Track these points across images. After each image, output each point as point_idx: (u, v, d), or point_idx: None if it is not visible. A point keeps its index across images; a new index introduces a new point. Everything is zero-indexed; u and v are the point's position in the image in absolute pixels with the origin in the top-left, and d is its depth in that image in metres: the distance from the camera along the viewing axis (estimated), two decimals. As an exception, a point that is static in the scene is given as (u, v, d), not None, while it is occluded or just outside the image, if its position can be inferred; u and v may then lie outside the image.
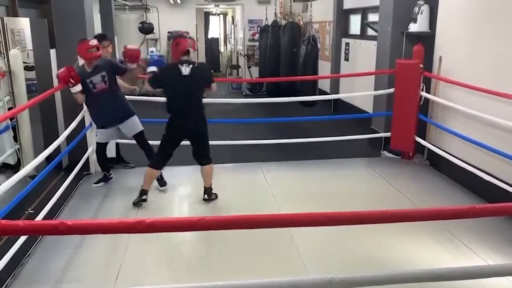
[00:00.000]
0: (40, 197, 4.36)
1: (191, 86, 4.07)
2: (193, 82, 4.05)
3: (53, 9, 5.23)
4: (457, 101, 4.89)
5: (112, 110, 4.60)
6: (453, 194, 4.70)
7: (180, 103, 4.09)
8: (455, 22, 5.05)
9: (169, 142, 4.26)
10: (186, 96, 4.08)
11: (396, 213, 1.73)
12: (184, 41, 4.05)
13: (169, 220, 1.43)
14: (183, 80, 4.02)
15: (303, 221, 1.70)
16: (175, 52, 4.11)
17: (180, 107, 4.11)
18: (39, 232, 1.48)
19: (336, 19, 8.90)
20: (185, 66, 4.00)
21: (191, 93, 4.09)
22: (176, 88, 4.08)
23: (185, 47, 4.03)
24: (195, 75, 4.04)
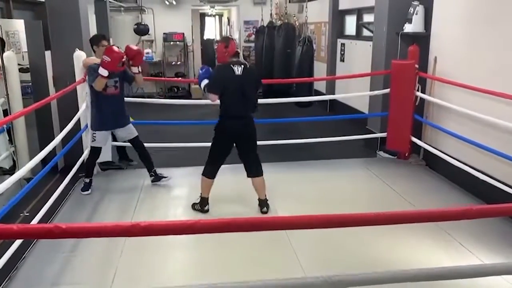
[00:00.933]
0: (35, 199, 4.35)
1: (244, 86, 3.98)
2: (245, 82, 3.98)
3: (48, 10, 5.21)
4: (452, 101, 4.90)
5: (117, 114, 4.70)
6: (449, 193, 4.71)
7: (233, 103, 4.00)
8: (450, 22, 5.08)
9: (222, 148, 4.13)
10: (241, 96, 3.99)
11: (392, 214, 1.73)
12: (233, 44, 4.05)
13: (164, 224, 1.43)
14: (237, 80, 3.94)
15: (299, 223, 1.70)
16: (224, 55, 4.04)
17: (232, 108, 4.01)
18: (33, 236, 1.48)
19: (332, 20, 8.91)
20: (237, 66, 3.96)
21: (245, 93, 3.99)
22: (232, 89, 3.96)
23: (234, 49, 4.03)
24: (247, 75, 3.98)
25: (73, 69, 4.98)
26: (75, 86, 4.85)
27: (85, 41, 5.43)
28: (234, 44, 4.07)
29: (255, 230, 1.61)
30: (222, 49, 4.05)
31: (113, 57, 4.26)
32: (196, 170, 5.13)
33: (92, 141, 4.72)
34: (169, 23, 11.41)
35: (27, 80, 5.64)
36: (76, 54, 4.98)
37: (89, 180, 4.80)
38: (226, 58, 4.03)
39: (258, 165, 4.21)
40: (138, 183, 4.99)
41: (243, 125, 4.07)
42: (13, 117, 3.97)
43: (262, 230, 1.63)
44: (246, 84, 3.99)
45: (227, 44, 4.03)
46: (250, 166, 4.20)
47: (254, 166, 4.20)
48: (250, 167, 4.20)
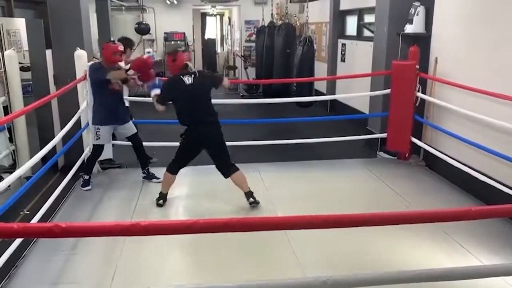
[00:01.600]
0: (35, 198, 4.35)
1: (197, 93, 4.12)
2: (198, 89, 4.11)
3: (49, 9, 5.21)
4: (452, 101, 4.90)
5: (119, 110, 4.81)
6: (449, 194, 4.71)
7: (192, 112, 4.14)
8: (450, 23, 5.08)
9: (187, 152, 4.28)
10: (196, 104, 4.13)
11: (392, 215, 1.74)
12: (181, 56, 4.13)
13: (164, 223, 1.43)
14: (188, 89, 4.08)
15: (299, 224, 1.70)
16: (173, 68, 4.18)
17: (193, 116, 4.14)
18: (34, 235, 1.48)
19: (333, 20, 8.91)
20: (187, 76, 4.08)
21: (200, 101, 4.14)
22: (183, 98, 4.12)
23: (183, 62, 4.12)
24: (198, 82, 4.11)
25: (74, 68, 4.99)
26: (76, 84, 4.85)
27: (86, 40, 5.44)
28: (181, 57, 4.14)
29: (254, 230, 1.61)
30: (170, 62, 4.18)
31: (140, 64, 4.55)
32: (195, 170, 5.17)
33: (96, 139, 4.76)
34: (170, 22, 11.42)
35: (27, 78, 5.64)
36: (77, 53, 4.99)
37: (89, 177, 4.85)
38: (176, 70, 4.17)
39: (229, 164, 4.25)
40: (138, 182, 5.00)
41: (206, 130, 4.18)
42: (14, 116, 3.97)
43: (261, 230, 1.63)
44: (198, 91, 4.12)
45: (174, 57, 4.14)
46: (222, 168, 4.27)
47: (225, 167, 4.25)
48: (222, 168, 4.27)
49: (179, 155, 4.29)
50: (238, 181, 4.26)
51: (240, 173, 4.25)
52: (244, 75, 12.15)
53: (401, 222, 1.85)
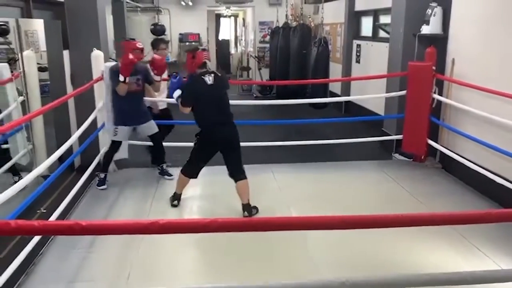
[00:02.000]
0: (52, 197, 4.41)
1: (217, 94, 4.09)
2: (219, 90, 4.10)
3: (67, 10, 5.28)
4: (470, 103, 4.84)
5: (137, 110, 4.85)
6: (465, 197, 4.65)
7: (212, 113, 4.08)
8: (468, 24, 5.01)
9: (202, 155, 4.22)
10: (217, 105, 4.09)
11: (410, 217, 1.72)
12: (200, 54, 4.09)
13: (183, 222, 1.43)
14: (210, 89, 4.03)
15: (317, 224, 1.69)
16: (192, 66, 4.12)
17: (213, 117, 4.09)
18: (54, 232, 1.50)
19: (348, 21, 8.87)
20: (207, 76, 4.03)
21: (220, 102, 4.11)
22: (205, 99, 4.06)
23: (202, 60, 4.07)
24: (219, 83, 4.08)
25: (91, 68, 5.04)
26: (92, 84, 4.90)
27: (102, 40, 5.50)
28: (201, 55, 4.09)
29: (273, 230, 1.60)
30: (189, 60, 4.14)
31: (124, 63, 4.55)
32: (211, 170, 5.17)
33: (114, 135, 4.83)
34: (185, 23, 11.47)
35: (45, 79, 5.71)
36: (94, 53, 5.04)
37: (104, 175, 4.90)
38: (194, 69, 4.11)
39: (240, 169, 4.18)
40: (153, 181, 5.03)
41: (226, 132, 4.12)
42: (32, 115, 4.03)
43: (279, 230, 1.63)
44: (220, 92, 4.10)
45: (193, 55, 4.10)
46: (232, 171, 4.19)
47: (236, 170, 4.18)
48: (232, 171, 4.19)
49: (194, 156, 4.23)
50: (241, 190, 4.16)
51: (245, 182, 4.17)
52: (257, 76, 12.15)
53: (419, 224, 1.83)
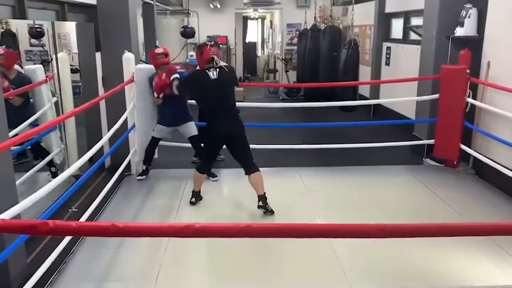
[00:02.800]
0: (83, 196, 4.48)
1: (222, 89, 4.14)
2: (222, 84, 4.14)
3: (99, 13, 5.37)
4: (505, 107, 4.69)
5: (173, 112, 5.04)
6: (500, 204, 4.50)
7: (214, 107, 4.18)
8: (505, 26, 4.85)
9: (208, 150, 4.40)
10: (219, 99, 4.15)
11: (448, 227, 1.65)
12: (208, 50, 4.15)
13: (217, 226, 1.42)
14: (212, 84, 4.10)
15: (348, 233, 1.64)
16: (200, 61, 4.24)
17: (215, 111, 4.18)
18: (91, 233, 1.51)
19: (377, 23, 8.74)
20: (212, 70, 4.10)
21: (223, 96, 4.16)
22: (207, 93, 4.16)
23: (209, 55, 4.13)
24: (223, 77, 4.12)
25: (122, 70, 5.11)
26: (123, 86, 4.97)
27: (133, 43, 5.56)
28: (209, 50, 4.15)
29: (305, 237, 1.57)
30: (198, 56, 4.23)
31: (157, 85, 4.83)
32: (238, 173, 5.17)
33: (152, 131, 5.13)
34: (213, 26, 11.55)
35: (76, 80, 5.83)
36: (125, 55, 5.11)
37: (146, 167, 5.21)
38: (202, 64, 4.19)
39: (249, 163, 4.24)
40: (181, 182, 5.06)
41: (228, 126, 4.18)
42: (65, 116, 4.12)
43: (311, 237, 1.59)
44: (223, 86, 4.14)
45: (202, 50, 4.18)
46: (243, 165, 4.25)
47: (245, 165, 4.24)
48: (244, 165, 4.25)
49: (203, 152, 4.42)
50: (254, 183, 4.21)
51: (258, 175, 4.21)
52: (284, 78, 12.11)
53: (460, 234, 1.77)
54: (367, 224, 1.61)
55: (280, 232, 1.42)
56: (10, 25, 4.90)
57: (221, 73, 4.10)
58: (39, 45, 5.03)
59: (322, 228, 1.50)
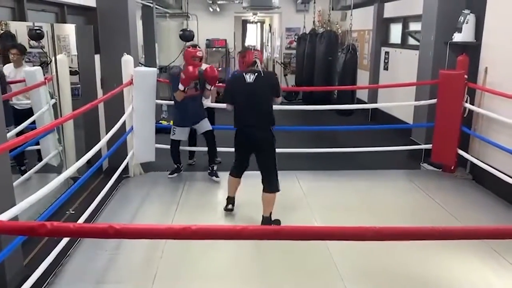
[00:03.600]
0: (80, 198, 4.49)
1: (255, 94, 3.93)
2: (257, 89, 3.92)
3: (99, 16, 5.39)
4: (503, 113, 4.71)
5: (194, 112, 5.21)
6: (497, 209, 4.52)
7: (244, 112, 4.00)
8: (503, 31, 4.88)
9: (239, 154, 4.24)
10: (251, 105, 3.96)
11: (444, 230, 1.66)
12: (250, 53, 4.05)
13: (214, 228, 1.43)
14: (246, 88, 3.93)
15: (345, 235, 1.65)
16: (242, 65, 4.11)
17: (243, 117, 4.01)
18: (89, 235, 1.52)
19: (376, 28, 8.78)
20: (249, 74, 3.95)
21: (255, 101, 3.94)
22: (240, 97, 3.98)
23: (251, 59, 4.00)
24: (260, 82, 3.92)
25: (121, 73, 5.13)
26: (122, 89, 4.98)
27: (132, 45, 5.58)
28: (251, 54, 4.04)
29: (302, 239, 1.58)
30: (240, 60, 4.18)
31: (186, 76, 4.89)
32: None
33: (172, 135, 5.28)
34: (212, 29, 11.57)
35: (75, 82, 5.84)
36: (124, 58, 5.12)
37: (177, 166, 5.41)
38: (243, 68, 4.09)
39: (269, 181, 4.03)
40: (179, 185, 5.07)
41: (254, 136, 4.01)
42: (64, 119, 4.13)
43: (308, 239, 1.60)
44: (257, 91, 3.93)
45: (244, 54, 4.12)
46: (262, 179, 4.06)
47: (264, 180, 4.05)
48: (262, 179, 4.06)
49: (235, 157, 4.29)
50: (263, 201, 4.04)
51: (270, 196, 4.01)
52: (283, 82, 12.14)
53: (455, 237, 1.78)
54: (363, 226, 1.62)
55: (276, 234, 1.43)
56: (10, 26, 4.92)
57: (258, 77, 3.91)
58: (38, 47, 5.05)
59: (318, 231, 1.51)
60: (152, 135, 5.36)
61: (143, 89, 5.10)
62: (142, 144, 5.23)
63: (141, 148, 5.24)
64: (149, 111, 5.24)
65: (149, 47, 9.16)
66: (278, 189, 4.04)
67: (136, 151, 5.23)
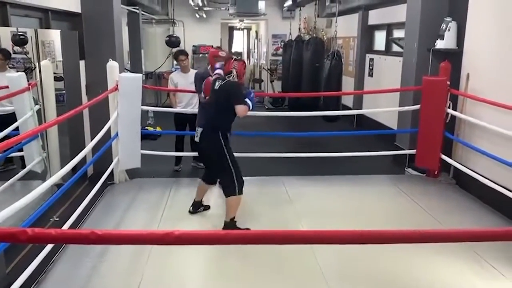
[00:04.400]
0: (65, 205, 4.44)
1: (214, 100, 4.06)
2: (217, 96, 4.03)
3: (84, 21, 5.37)
4: (485, 119, 4.79)
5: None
6: (480, 214, 4.59)
7: (203, 116, 4.22)
8: (484, 39, 4.99)
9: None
10: (209, 109, 4.11)
11: (427, 233, 1.69)
12: (230, 63, 4.13)
13: (197, 233, 1.43)
14: (212, 94, 4.09)
15: (329, 238, 1.67)
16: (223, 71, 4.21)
17: (200, 120, 4.22)
18: (70, 241, 1.50)
19: (361, 35, 8.89)
20: (219, 81, 4.05)
21: (212, 107, 4.06)
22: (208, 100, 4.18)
23: (229, 68, 4.10)
24: (221, 90, 4.00)
25: (106, 79, 5.10)
26: (107, 95, 4.95)
27: (118, 51, 5.57)
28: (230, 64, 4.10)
29: (286, 244, 1.59)
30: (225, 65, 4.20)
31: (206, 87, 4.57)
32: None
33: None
34: (199, 35, 11.60)
35: (60, 88, 5.78)
36: (109, 64, 5.10)
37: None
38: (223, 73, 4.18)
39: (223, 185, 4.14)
40: (165, 191, 5.04)
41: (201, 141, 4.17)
42: (48, 125, 4.07)
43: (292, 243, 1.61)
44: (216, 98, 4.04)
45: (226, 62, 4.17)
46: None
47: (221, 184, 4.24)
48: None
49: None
50: (226, 205, 4.09)
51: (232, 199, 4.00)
52: (270, 88, 12.20)
53: (437, 240, 1.80)
54: (346, 230, 1.64)
55: (259, 239, 1.44)
56: (-8, 32, 4.87)
57: (222, 85, 4.01)
58: (22, 52, 5.00)
59: (302, 235, 1.52)
60: (137, 141, 5.33)
61: (128, 95, 5.08)
62: (127, 150, 5.20)
63: (126, 154, 5.21)
64: (135, 117, 5.22)
65: (135, 53, 9.14)
66: (234, 193, 3.98)
67: (121, 158, 5.19)
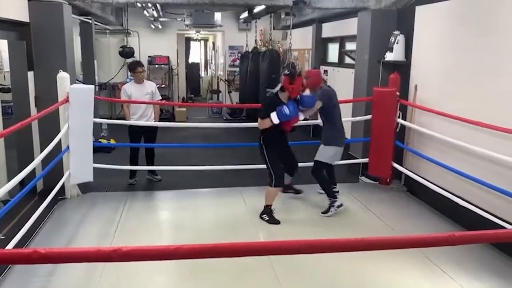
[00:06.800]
0: (12, 222, 4.24)
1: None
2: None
3: (32, 31, 5.20)
4: (432, 128, 5.00)
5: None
6: (430, 219, 4.75)
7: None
8: (429, 52, 5.23)
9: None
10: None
11: (379, 240, 1.74)
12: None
13: (146, 249, 1.40)
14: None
15: (282, 249, 1.69)
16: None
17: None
18: (10, 261, 1.43)
19: (315, 47, 9.09)
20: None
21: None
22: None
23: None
24: None
25: (56, 90, 4.93)
26: (57, 107, 4.79)
27: (69, 62, 5.42)
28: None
29: (239, 256, 1.59)
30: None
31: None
32: (178, 194, 5.10)
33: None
34: (154, 46, 11.47)
35: (8, 100, 5.56)
36: (60, 75, 4.94)
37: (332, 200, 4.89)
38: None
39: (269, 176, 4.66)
40: (119, 206, 4.91)
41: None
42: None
43: (245, 255, 1.61)
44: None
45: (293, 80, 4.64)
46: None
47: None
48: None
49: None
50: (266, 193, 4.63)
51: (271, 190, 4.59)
52: (228, 99, 12.22)
53: (389, 247, 1.86)
54: (298, 240, 1.66)
55: (210, 252, 1.43)
56: None
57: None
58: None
59: (256, 246, 1.52)
60: (89, 154, 5.18)
61: (79, 107, 4.93)
62: (79, 164, 5.04)
63: (78, 168, 5.04)
64: (87, 130, 5.07)
65: (88, 64, 8.92)
66: (271, 184, 4.60)
67: (72, 171, 5.02)
